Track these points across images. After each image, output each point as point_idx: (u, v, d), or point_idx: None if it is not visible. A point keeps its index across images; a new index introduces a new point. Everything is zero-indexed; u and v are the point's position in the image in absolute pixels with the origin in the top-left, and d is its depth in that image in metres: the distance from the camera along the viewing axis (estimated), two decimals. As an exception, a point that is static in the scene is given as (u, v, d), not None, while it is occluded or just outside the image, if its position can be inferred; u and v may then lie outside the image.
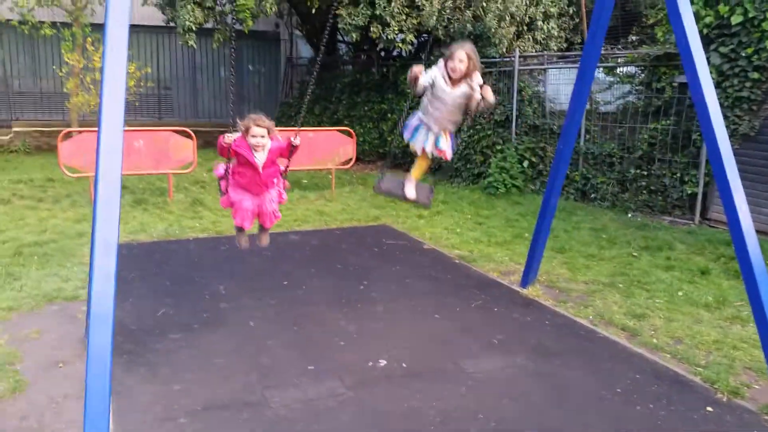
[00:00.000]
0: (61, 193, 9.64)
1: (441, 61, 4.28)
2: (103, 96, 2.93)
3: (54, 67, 15.63)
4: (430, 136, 4.47)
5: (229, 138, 4.22)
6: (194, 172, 10.60)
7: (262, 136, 4.27)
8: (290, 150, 4.40)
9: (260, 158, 4.33)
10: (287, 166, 4.57)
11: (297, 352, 4.44)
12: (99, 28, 14.41)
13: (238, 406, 3.68)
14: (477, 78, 4.24)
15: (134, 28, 2.87)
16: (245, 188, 4.41)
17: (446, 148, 4.50)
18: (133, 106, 15.21)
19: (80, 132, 9.40)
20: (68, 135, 9.36)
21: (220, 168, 4.47)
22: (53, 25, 13.25)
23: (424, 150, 4.51)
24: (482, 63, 11.46)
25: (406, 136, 4.58)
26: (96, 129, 2.87)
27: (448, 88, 4.24)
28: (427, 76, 4.24)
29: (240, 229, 4.64)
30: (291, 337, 4.71)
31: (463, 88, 4.24)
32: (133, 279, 5.87)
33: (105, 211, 2.79)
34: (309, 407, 3.69)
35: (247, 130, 4.25)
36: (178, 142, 9.59)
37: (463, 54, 4.14)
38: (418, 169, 4.74)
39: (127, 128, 2.80)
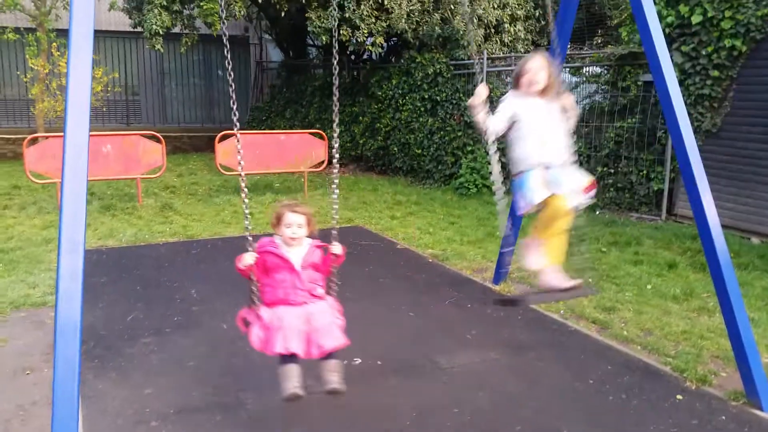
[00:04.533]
0: (28, 200, 9.44)
1: (511, 90, 3.73)
2: (68, 96, 2.89)
3: (18, 72, 15.31)
4: (551, 174, 3.48)
5: (250, 258, 3.22)
6: (163, 176, 10.49)
7: (299, 226, 3.29)
8: (330, 259, 3.37)
9: (296, 255, 3.30)
10: (330, 270, 3.43)
11: (271, 356, 4.41)
12: (64, 33, 14.19)
13: (211, 408, 3.64)
14: (567, 97, 3.67)
15: (101, 34, 2.82)
16: (283, 301, 3.24)
17: (582, 185, 3.54)
18: (101, 112, 14.98)
19: (46, 137, 9.21)
20: (34, 141, 9.17)
21: (242, 314, 3.36)
22: (17, 30, 12.98)
23: (551, 199, 3.42)
24: (451, 65, 11.51)
25: (523, 207, 3.54)
26: (62, 134, 2.83)
27: (535, 99, 3.55)
28: (502, 111, 3.57)
29: (287, 360, 3.18)
30: (265, 339, 4.67)
31: (551, 94, 3.58)
32: (103, 284, 5.77)
33: (71, 209, 2.76)
34: (284, 408, 3.66)
35: (278, 220, 3.32)
36: (147, 146, 9.47)
37: (537, 63, 3.53)
38: (554, 247, 3.55)
39: (95, 133, 2.77)
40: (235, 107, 3.51)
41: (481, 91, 3.58)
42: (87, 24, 2.92)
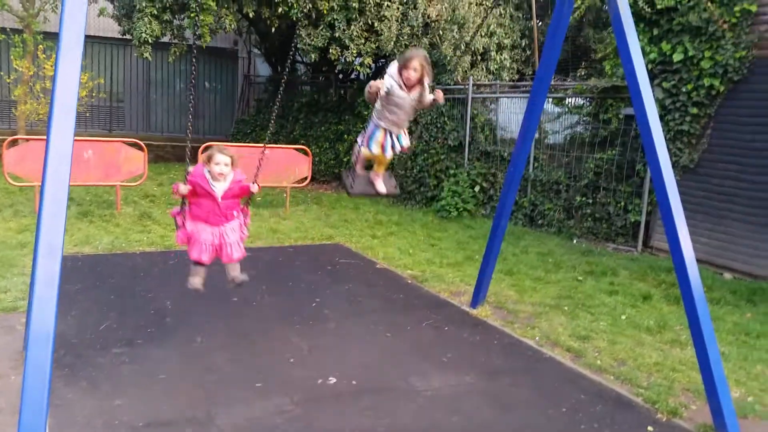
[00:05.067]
0: (4, 203, 9.27)
1: (393, 68, 4.39)
2: (54, 100, 2.88)
3: (1, 73, 15.14)
4: (391, 137, 4.61)
5: (184, 188, 4.07)
6: (144, 185, 10.40)
7: (226, 164, 4.14)
8: (249, 195, 4.34)
9: (219, 188, 4.17)
10: (248, 200, 4.47)
11: (245, 369, 4.37)
12: (51, 36, 14.14)
13: (181, 422, 3.59)
14: (428, 81, 4.46)
15: (89, 39, 2.81)
16: (203, 220, 4.22)
17: (407, 143, 4.74)
18: (84, 117, 14.86)
19: (27, 140, 9.10)
20: (14, 143, 9.05)
21: (176, 209, 4.32)
22: (2, 30, 12.86)
23: (384, 152, 4.65)
24: (437, 89, 11.72)
25: (364, 143, 4.65)
26: (44, 138, 2.82)
27: (404, 94, 4.40)
28: (383, 84, 4.35)
29: (197, 265, 4.32)
30: (239, 354, 4.63)
31: (416, 92, 4.44)
32: (76, 291, 5.67)
33: (51, 214, 2.73)
34: (255, 424, 3.63)
35: (209, 159, 4.13)
36: (128, 153, 9.39)
37: (417, 64, 4.32)
38: (380, 165, 4.89)
39: (77, 138, 2.76)
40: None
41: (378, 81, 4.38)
42: (77, 30, 2.92)
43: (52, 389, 2.61)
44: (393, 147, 4.63)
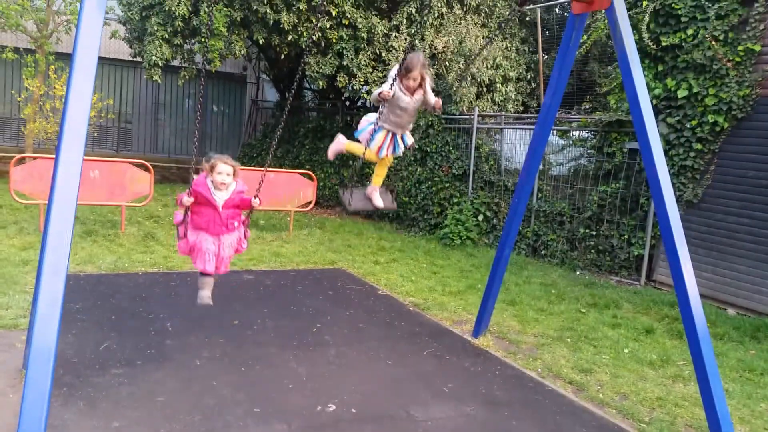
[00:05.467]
0: (8, 220, 9.31)
1: (394, 72, 4.44)
2: (65, 120, 2.92)
3: (13, 91, 15.33)
4: (394, 138, 4.69)
5: (188, 200, 4.11)
6: (149, 205, 10.44)
7: (228, 174, 4.22)
8: (250, 209, 4.35)
9: (220, 197, 4.23)
10: (248, 215, 4.48)
11: (243, 394, 4.34)
12: (63, 56, 14.33)
13: (179, 446, 3.55)
14: (428, 83, 4.56)
15: (99, 60, 2.87)
16: (204, 229, 4.25)
17: (411, 141, 4.84)
18: (92, 137, 14.98)
19: (34, 158, 9.17)
20: (21, 161, 9.12)
21: (179, 214, 4.34)
22: (16, 50, 13.07)
23: (384, 155, 4.71)
24: (443, 119, 11.81)
25: (364, 138, 4.65)
26: (51, 156, 2.86)
27: (407, 98, 4.51)
28: (392, 90, 4.44)
29: (204, 276, 4.35)
30: (238, 378, 4.59)
31: (418, 96, 4.55)
32: (77, 310, 5.66)
33: (57, 233, 2.75)
34: (253, 450, 3.59)
35: (212, 168, 4.20)
36: (135, 174, 9.45)
37: (416, 73, 4.45)
38: (378, 176, 4.94)
39: (84, 158, 2.79)
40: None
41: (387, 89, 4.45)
42: (91, 53, 2.98)
43: (49, 409, 2.59)
44: (395, 148, 4.71)
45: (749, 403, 4.93)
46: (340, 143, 4.96)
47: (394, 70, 4.48)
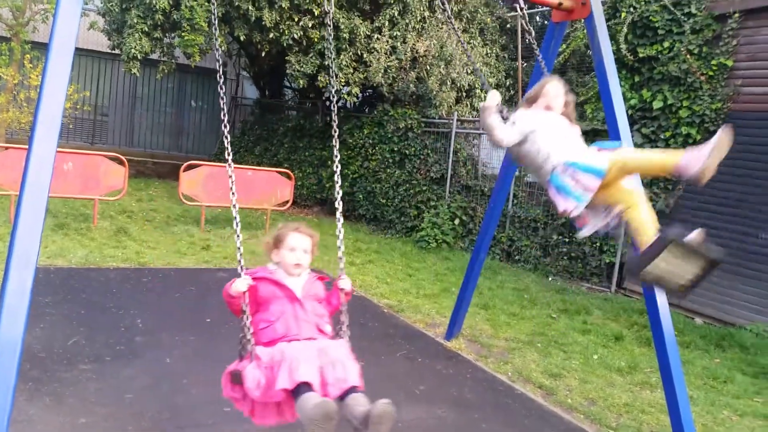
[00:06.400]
0: (-24, 210, 9.12)
1: (521, 107, 3.69)
2: (39, 110, 2.87)
3: (-16, 80, 15.00)
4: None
5: (242, 283, 2.70)
6: (122, 200, 10.30)
7: (305, 252, 2.86)
8: (337, 295, 2.95)
9: (295, 283, 2.82)
10: (338, 308, 2.95)
11: (214, 393, 4.25)
12: (39, 45, 14.03)
13: (146, 443, 3.52)
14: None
15: (77, 51, 2.79)
16: (282, 337, 2.66)
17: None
18: (67, 128, 14.74)
19: (6, 148, 8.99)
20: (-8, 150, 8.94)
21: (234, 365, 2.71)
22: (-11, 37, 12.81)
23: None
24: (422, 122, 11.73)
25: (572, 206, 3.30)
26: (24, 147, 2.82)
27: (556, 116, 3.56)
28: (519, 124, 3.49)
29: (303, 390, 2.38)
30: (209, 377, 4.53)
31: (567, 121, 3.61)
32: (46, 304, 5.57)
33: (28, 223, 2.71)
34: (222, 448, 3.57)
35: (278, 241, 2.85)
36: (109, 167, 9.32)
37: (556, 88, 3.57)
38: (641, 224, 3.35)
39: (57, 149, 2.74)
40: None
41: (495, 95, 3.60)
42: (68, 45, 2.94)
43: (14, 404, 2.55)
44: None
45: (712, 410, 5.04)
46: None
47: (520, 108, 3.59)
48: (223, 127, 3.23)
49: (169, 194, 13.00)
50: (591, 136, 9.12)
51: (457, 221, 10.81)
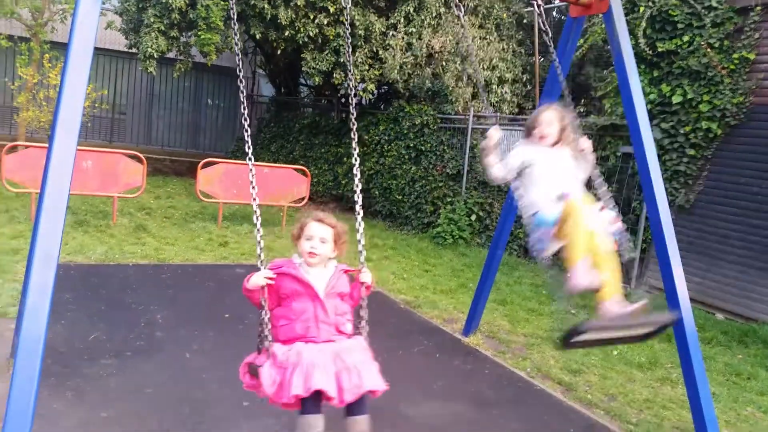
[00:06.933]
0: (0, 208, 9.25)
1: (523, 139, 3.78)
2: (59, 109, 2.90)
3: (6, 79, 15.22)
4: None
5: (261, 277, 2.68)
6: (141, 197, 10.39)
7: (323, 241, 2.78)
8: (358, 289, 2.87)
9: (319, 279, 2.76)
10: (359, 302, 2.91)
11: (233, 388, 4.31)
12: (58, 45, 14.18)
13: (167, 438, 3.55)
14: (583, 143, 3.69)
15: (95, 50, 2.82)
16: (301, 336, 2.68)
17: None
18: (85, 127, 14.90)
19: (27, 147, 9.11)
20: (13, 149, 9.06)
21: (252, 356, 2.79)
22: (10, 37, 12.97)
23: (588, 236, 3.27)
24: (438, 118, 11.67)
25: (543, 244, 3.52)
26: (44, 145, 2.85)
27: (549, 150, 3.59)
28: (513, 157, 3.60)
29: (310, 408, 2.56)
30: (228, 372, 4.56)
31: (568, 151, 3.63)
32: (67, 301, 5.63)
33: (49, 222, 2.74)
34: (241, 443, 3.59)
35: (300, 231, 2.81)
36: (128, 165, 9.41)
37: (548, 116, 3.57)
38: (609, 280, 3.34)
39: (77, 147, 2.76)
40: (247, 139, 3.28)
41: (494, 133, 3.65)
42: (87, 45, 2.96)
43: (37, 399, 2.58)
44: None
45: (735, 406, 4.97)
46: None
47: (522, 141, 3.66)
48: (243, 120, 3.19)
49: (186, 191, 13.10)
50: (610, 130, 9.05)
51: (473, 217, 10.76)
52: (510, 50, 12.82)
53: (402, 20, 11.51)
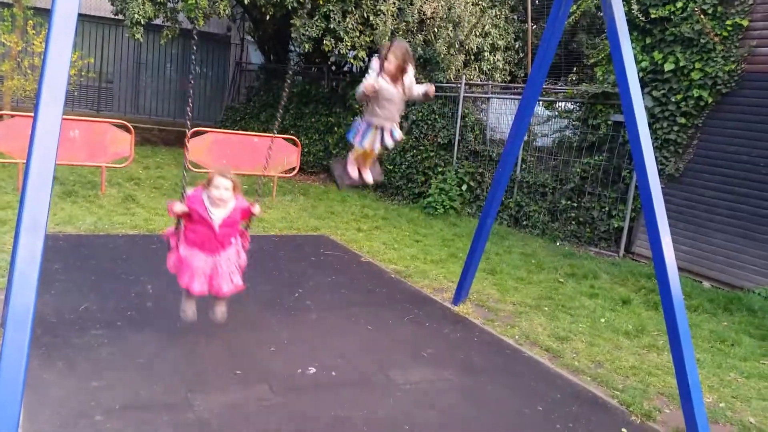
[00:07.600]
0: (-16, 179, 9.15)
1: (375, 63, 4.36)
2: (44, 78, 2.84)
3: (-12, 47, 14.87)
4: (382, 133, 4.51)
5: (180, 206, 3.88)
6: (129, 167, 10.31)
7: (227, 189, 3.92)
8: (249, 218, 4.16)
9: (218, 215, 3.96)
10: (248, 225, 4.29)
11: (225, 356, 4.36)
12: (42, 11, 13.88)
13: (158, 407, 3.58)
14: (410, 73, 4.44)
15: (80, 17, 2.72)
16: (198, 247, 4.01)
17: (399, 136, 4.66)
18: (72, 96, 14.67)
19: (12, 116, 8.97)
20: (-2, 118, 8.92)
21: (170, 228, 4.15)
22: (-9, 3, 12.65)
23: (373, 148, 4.61)
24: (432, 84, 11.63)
25: (356, 141, 4.59)
26: (30, 114, 2.79)
27: (392, 88, 4.38)
28: (375, 82, 4.30)
29: (188, 294, 4.14)
30: (219, 341, 4.61)
31: (401, 84, 4.42)
32: (56, 271, 5.62)
33: (35, 190, 2.70)
34: (233, 412, 3.63)
35: (209, 182, 3.91)
36: (115, 135, 9.30)
37: (392, 56, 4.32)
38: (368, 159, 4.80)
39: (64, 117, 2.73)
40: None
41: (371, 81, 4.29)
42: (70, 10, 2.88)
43: (27, 369, 2.59)
44: (384, 142, 4.56)
45: (719, 372, 5.07)
46: (347, 167, 4.80)
47: (375, 62, 4.36)
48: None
49: (175, 161, 13.00)
50: (602, 99, 9.01)
51: (464, 187, 10.76)
52: (503, 17, 12.67)
53: (393, -14, 11.30)
